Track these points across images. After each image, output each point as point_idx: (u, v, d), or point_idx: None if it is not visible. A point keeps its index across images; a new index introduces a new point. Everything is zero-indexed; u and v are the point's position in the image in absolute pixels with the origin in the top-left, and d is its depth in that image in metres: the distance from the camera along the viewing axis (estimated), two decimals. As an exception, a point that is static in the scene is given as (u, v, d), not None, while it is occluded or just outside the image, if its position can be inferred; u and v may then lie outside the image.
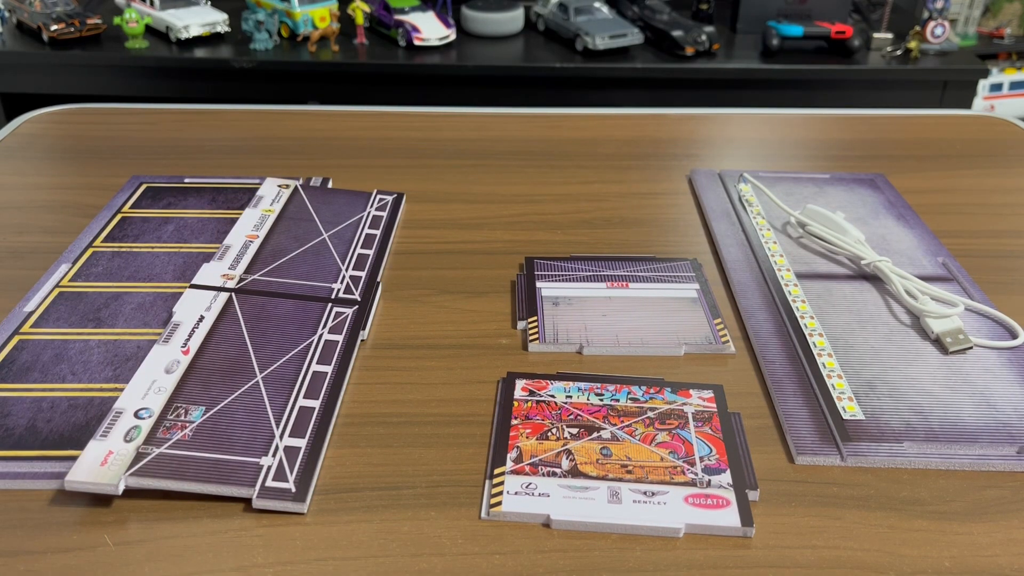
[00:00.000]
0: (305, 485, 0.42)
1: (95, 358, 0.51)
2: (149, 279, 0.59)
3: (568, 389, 0.49)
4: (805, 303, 0.57)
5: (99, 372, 0.50)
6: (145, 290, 0.57)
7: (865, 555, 0.40)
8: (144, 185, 0.71)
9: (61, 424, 0.46)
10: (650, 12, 1.73)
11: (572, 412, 0.47)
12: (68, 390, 0.48)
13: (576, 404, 0.48)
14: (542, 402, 0.48)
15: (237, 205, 0.68)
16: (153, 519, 0.41)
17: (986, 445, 0.45)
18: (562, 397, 0.48)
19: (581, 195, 0.73)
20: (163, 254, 0.61)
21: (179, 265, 0.60)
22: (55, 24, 1.59)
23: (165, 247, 0.62)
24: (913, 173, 0.77)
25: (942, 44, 1.67)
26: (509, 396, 0.49)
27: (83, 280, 0.59)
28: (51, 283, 0.58)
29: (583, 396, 0.49)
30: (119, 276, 0.59)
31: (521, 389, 0.49)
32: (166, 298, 0.57)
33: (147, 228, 0.65)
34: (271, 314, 0.54)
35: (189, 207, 0.67)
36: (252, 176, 0.73)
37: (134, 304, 0.56)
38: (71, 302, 0.56)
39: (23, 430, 0.45)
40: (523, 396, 0.49)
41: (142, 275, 0.59)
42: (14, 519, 0.41)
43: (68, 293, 0.57)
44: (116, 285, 0.58)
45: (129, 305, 0.56)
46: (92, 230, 0.64)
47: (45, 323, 0.54)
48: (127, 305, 0.56)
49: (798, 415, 0.48)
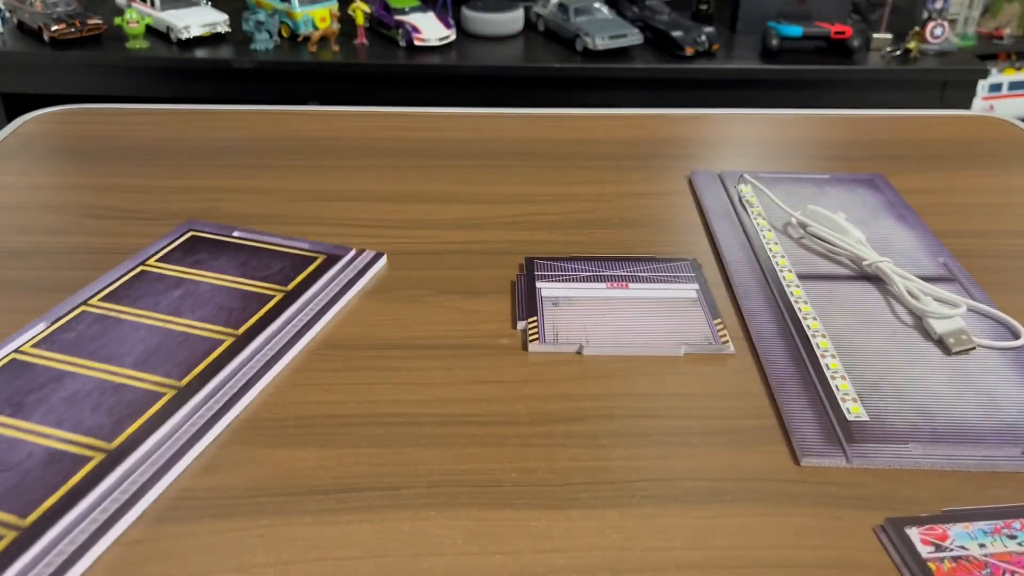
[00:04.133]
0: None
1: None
2: (107, 359, 0.48)
3: (973, 533, 0.40)
4: (807, 304, 0.57)
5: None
6: (93, 374, 0.48)
7: (865, 555, 0.40)
8: (191, 233, 0.62)
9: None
10: (650, 12, 1.73)
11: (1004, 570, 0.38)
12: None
13: (999, 556, 0.39)
14: (960, 559, 0.39)
15: (263, 275, 0.58)
16: (153, 519, 0.41)
17: (991, 446, 0.45)
18: (976, 547, 0.39)
19: (581, 195, 0.72)
20: (144, 327, 0.52)
21: (150, 347, 0.50)
22: (56, 24, 1.59)
23: (152, 318, 0.53)
24: (913, 173, 0.77)
25: (941, 44, 1.68)
26: (913, 553, 0.39)
27: (46, 347, 0.49)
28: (12, 345, 0.50)
29: (998, 541, 0.40)
30: (82, 349, 0.49)
31: (921, 541, 0.40)
32: (108, 389, 0.47)
33: (154, 289, 0.56)
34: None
35: (213, 268, 0.58)
36: (320, 233, 0.64)
37: (68, 393, 0.46)
38: (9, 376, 0.47)
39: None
40: (930, 552, 0.39)
41: (104, 353, 0.49)
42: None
43: (17, 363, 0.48)
44: (69, 361, 0.48)
45: (61, 393, 0.46)
46: (103, 281, 0.57)
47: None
48: (60, 392, 0.46)
49: (802, 416, 0.47)
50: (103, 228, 0.66)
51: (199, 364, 0.49)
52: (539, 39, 1.74)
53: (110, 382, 0.47)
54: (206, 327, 0.52)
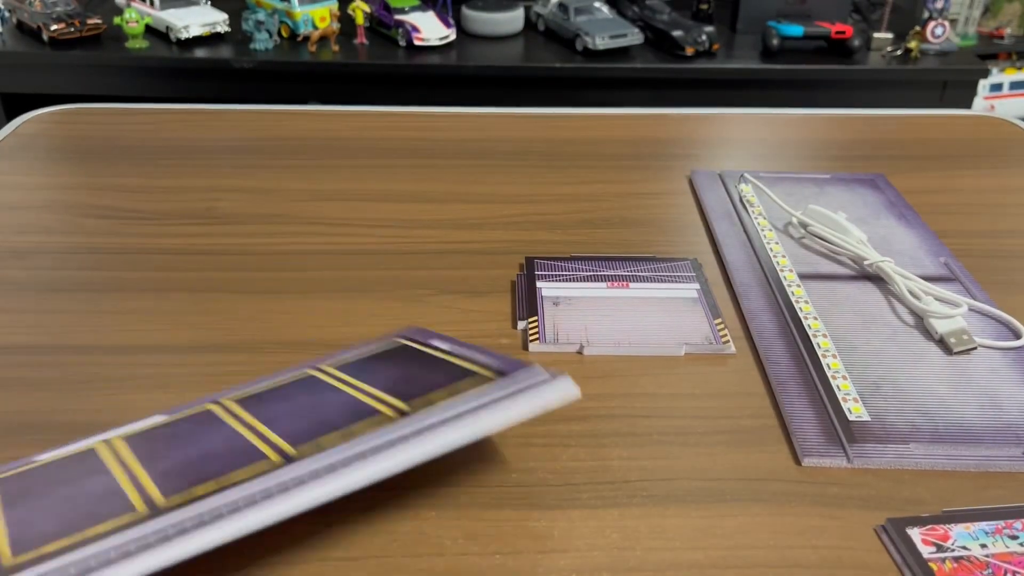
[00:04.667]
0: None
1: None
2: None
3: (974, 533, 0.39)
4: (808, 304, 0.57)
5: None
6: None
7: (865, 555, 0.40)
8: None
9: None
10: (650, 12, 1.73)
11: (1005, 570, 0.38)
12: None
13: (1001, 556, 0.39)
14: (961, 559, 0.39)
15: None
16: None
17: (992, 446, 0.45)
18: (978, 548, 0.39)
19: (581, 195, 0.72)
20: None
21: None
22: (55, 24, 1.59)
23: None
24: (913, 173, 0.77)
25: (942, 44, 1.67)
26: (914, 553, 0.39)
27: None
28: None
29: (999, 542, 0.39)
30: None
31: (922, 541, 0.40)
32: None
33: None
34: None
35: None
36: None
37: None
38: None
39: None
40: (931, 553, 0.39)
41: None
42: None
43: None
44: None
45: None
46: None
47: None
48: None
49: (803, 416, 0.47)
50: (103, 228, 0.66)
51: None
52: (539, 39, 1.74)
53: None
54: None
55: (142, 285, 0.59)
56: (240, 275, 0.60)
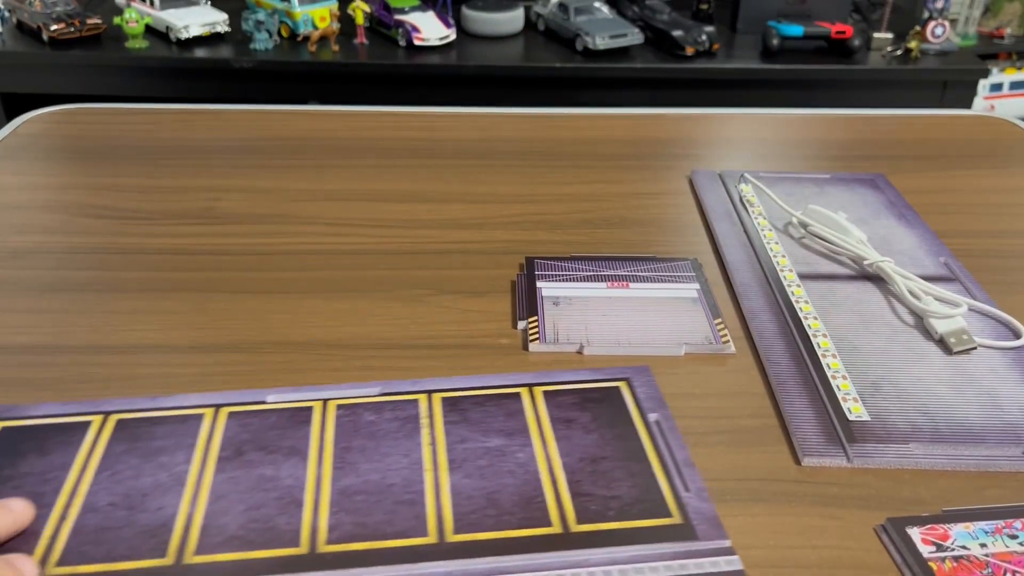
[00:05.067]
0: None
1: None
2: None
3: (974, 532, 0.39)
4: (808, 304, 0.57)
5: None
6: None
7: (865, 555, 0.40)
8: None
9: None
10: (650, 12, 1.73)
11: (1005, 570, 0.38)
12: None
13: (1000, 556, 0.39)
14: (961, 559, 0.39)
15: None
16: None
17: (992, 446, 0.45)
18: (977, 547, 0.39)
19: (581, 195, 0.72)
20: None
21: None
22: (55, 24, 1.59)
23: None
24: (913, 173, 0.77)
25: (942, 44, 1.67)
26: (914, 553, 0.39)
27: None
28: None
29: (999, 541, 0.39)
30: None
31: (922, 541, 0.40)
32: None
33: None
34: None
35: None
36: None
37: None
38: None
39: None
40: (931, 552, 0.39)
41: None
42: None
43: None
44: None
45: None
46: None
47: None
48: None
49: (803, 416, 0.47)
50: (103, 228, 0.66)
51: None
52: (539, 39, 1.74)
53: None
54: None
55: (142, 285, 0.59)
56: (240, 275, 0.60)
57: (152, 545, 0.38)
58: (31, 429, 0.45)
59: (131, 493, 0.41)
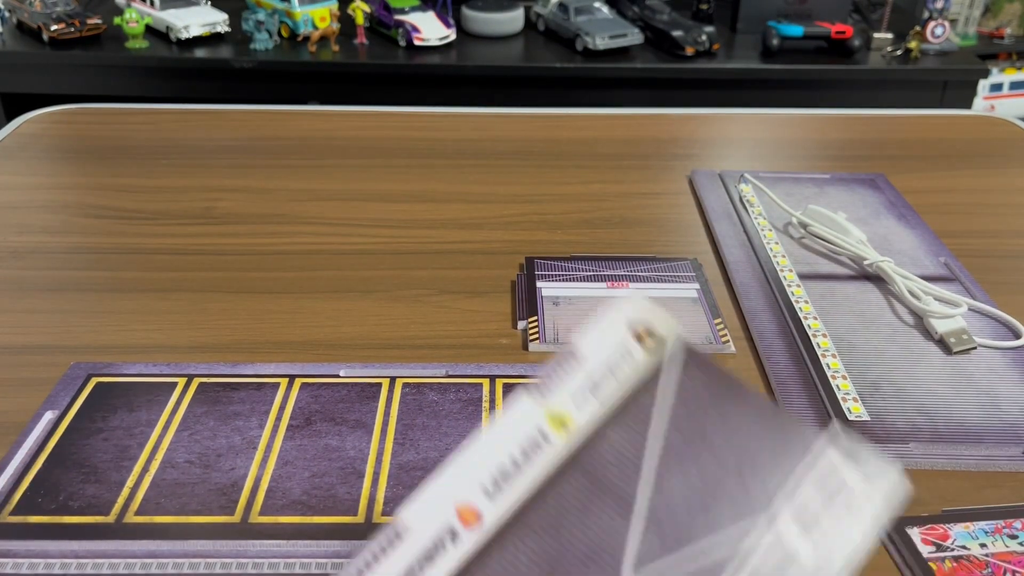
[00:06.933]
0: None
1: None
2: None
3: (974, 532, 0.39)
4: (808, 304, 0.57)
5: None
6: None
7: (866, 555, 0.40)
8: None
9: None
10: (650, 12, 1.73)
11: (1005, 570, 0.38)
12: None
13: (1000, 555, 0.38)
14: (961, 559, 0.38)
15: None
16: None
17: (992, 446, 0.45)
18: (977, 547, 0.38)
19: (581, 195, 0.72)
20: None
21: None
22: (55, 24, 1.59)
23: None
24: (913, 173, 0.77)
25: (942, 44, 1.67)
26: (914, 552, 0.39)
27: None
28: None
29: (999, 541, 0.39)
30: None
31: (922, 541, 0.39)
32: None
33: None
34: None
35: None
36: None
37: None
38: None
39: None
40: (931, 552, 0.38)
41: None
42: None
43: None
44: None
45: None
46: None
47: None
48: None
49: (803, 416, 0.47)
50: (103, 228, 0.66)
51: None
52: (539, 39, 1.74)
53: None
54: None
55: (142, 285, 0.59)
56: (240, 275, 0.60)
57: (222, 503, 0.41)
58: (122, 386, 0.48)
59: (207, 452, 0.44)
